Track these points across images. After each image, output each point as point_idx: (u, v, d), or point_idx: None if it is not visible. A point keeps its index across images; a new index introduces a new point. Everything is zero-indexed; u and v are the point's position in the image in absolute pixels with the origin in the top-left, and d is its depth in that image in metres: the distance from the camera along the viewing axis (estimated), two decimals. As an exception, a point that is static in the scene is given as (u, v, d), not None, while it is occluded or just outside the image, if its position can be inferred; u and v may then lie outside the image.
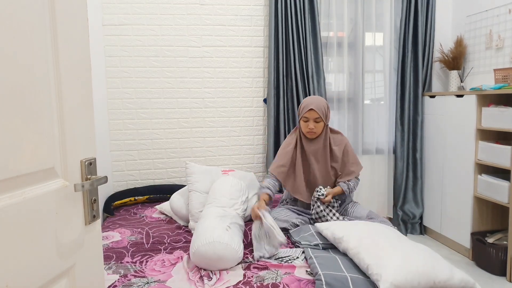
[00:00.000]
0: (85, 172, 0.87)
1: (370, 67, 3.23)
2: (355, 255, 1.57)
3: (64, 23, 0.81)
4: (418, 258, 1.45)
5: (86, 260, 0.88)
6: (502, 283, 2.36)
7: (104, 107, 2.79)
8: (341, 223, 1.85)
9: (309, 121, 2.13)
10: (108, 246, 1.94)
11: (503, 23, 2.76)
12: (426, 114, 3.18)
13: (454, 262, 2.67)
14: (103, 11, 2.77)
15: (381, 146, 3.28)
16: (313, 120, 2.12)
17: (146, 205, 2.72)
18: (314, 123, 2.12)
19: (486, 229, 2.68)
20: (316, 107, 2.09)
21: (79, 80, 0.86)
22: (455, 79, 3.10)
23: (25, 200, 0.71)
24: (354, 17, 3.13)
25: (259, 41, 3.02)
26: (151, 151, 2.94)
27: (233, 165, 3.08)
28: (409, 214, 3.19)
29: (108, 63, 2.82)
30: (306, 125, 2.14)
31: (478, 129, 2.59)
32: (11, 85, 0.68)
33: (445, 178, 2.93)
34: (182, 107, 2.95)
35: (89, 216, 0.89)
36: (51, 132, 0.78)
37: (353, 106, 3.23)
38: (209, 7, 2.91)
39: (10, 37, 0.68)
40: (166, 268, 1.69)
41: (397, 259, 1.43)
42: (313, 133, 2.14)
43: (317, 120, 2.12)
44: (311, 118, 2.11)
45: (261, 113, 3.09)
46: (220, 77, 2.99)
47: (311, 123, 2.12)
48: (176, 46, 2.90)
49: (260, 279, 1.55)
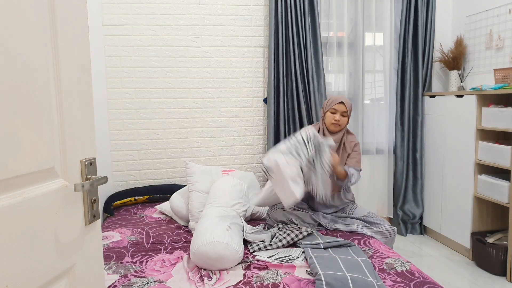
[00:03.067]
0: (85, 172, 0.87)
1: (370, 67, 3.23)
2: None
3: (64, 23, 0.81)
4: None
5: (86, 260, 0.88)
6: (502, 283, 2.36)
7: (104, 107, 2.79)
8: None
9: (336, 113, 2.22)
10: (108, 246, 1.94)
11: (503, 23, 2.76)
12: (426, 114, 3.18)
13: (454, 262, 2.67)
14: (103, 11, 2.77)
15: (381, 146, 3.28)
16: (340, 113, 2.21)
17: (146, 205, 2.72)
18: (340, 116, 2.21)
19: (486, 229, 2.68)
20: (346, 102, 2.21)
21: (79, 80, 0.86)
22: (455, 79, 3.10)
23: (25, 200, 0.71)
24: (354, 17, 3.13)
25: (259, 41, 3.02)
26: (151, 151, 2.94)
27: (233, 165, 3.08)
28: (409, 214, 3.19)
29: (108, 63, 2.82)
30: (333, 117, 2.22)
31: (478, 129, 2.59)
32: (11, 85, 0.68)
33: (445, 178, 2.93)
34: (182, 107, 2.95)
35: (89, 216, 0.89)
36: (51, 132, 0.78)
37: (353, 106, 3.23)
38: (209, 7, 2.91)
39: (10, 37, 0.68)
40: (166, 268, 1.69)
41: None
42: (338, 125, 2.23)
43: (344, 114, 2.22)
44: (339, 110, 2.21)
45: (261, 113, 3.09)
46: (220, 77, 2.99)
47: (337, 115, 2.21)
48: (176, 46, 2.90)
49: (260, 279, 1.55)
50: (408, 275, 1.58)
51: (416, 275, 1.58)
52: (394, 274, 1.59)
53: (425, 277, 1.57)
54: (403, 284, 1.51)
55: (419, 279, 1.55)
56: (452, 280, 2.41)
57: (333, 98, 2.25)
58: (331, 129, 2.24)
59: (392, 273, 1.60)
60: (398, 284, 1.50)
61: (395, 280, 1.54)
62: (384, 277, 1.57)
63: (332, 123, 2.22)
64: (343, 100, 2.21)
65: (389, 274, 1.59)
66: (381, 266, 1.67)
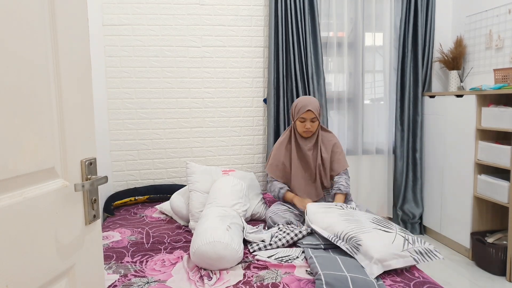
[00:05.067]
0: (85, 172, 0.87)
1: (370, 67, 3.23)
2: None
3: (64, 23, 0.82)
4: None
5: (86, 260, 0.89)
6: (502, 283, 2.36)
7: (104, 107, 2.79)
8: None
9: (306, 121, 2.20)
10: (108, 246, 1.94)
11: (503, 23, 2.76)
12: (426, 114, 3.18)
13: (454, 262, 2.67)
14: (103, 11, 2.77)
15: (381, 146, 3.28)
16: (310, 120, 2.19)
17: (146, 205, 2.72)
18: (310, 123, 2.20)
19: (486, 229, 2.68)
20: (313, 108, 2.17)
21: (79, 80, 0.86)
22: (455, 79, 3.10)
23: (25, 200, 0.71)
24: (354, 17, 3.13)
25: (259, 41, 3.02)
26: (151, 151, 2.94)
27: (233, 165, 3.08)
28: (409, 214, 3.20)
29: (108, 63, 2.82)
30: (303, 125, 2.21)
31: (478, 129, 2.59)
32: (11, 85, 0.68)
33: (445, 178, 2.93)
34: (182, 107, 2.95)
35: (89, 216, 0.89)
36: (51, 132, 0.78)
37: (353, 106, 3.23)
38: (209, 7, 2.91)
39: (10, 37, 0.68)
40: (166, 268, 1.69)
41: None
42: (309, 132, 2.22)
43: (313, 120, 2.20)
44: (308, 118, 2.19)
45: (261, 113, 3.09)
46: (220, 77, 2.99)
47: (308, 123, 2.19)
48: (176, 46, 2.90)
49: (260, 278, 1.55)
50: (408, 275, 1.58)
51: (416, 275, 1.58)
52: (394, 274, 1.59)
53: (425, 277, 1.57)
54: (403, 284, 1.51)
55: (419, 279, 1.55)
56: (452, 280, 2.41)
57: (300, 105, 2.20)
58: (304, 135, 2.25)
59: (392, 273, 1.60)
60: (398, 284, 1.51)
61: (395, 280, 1.54)
62: (384, 277, 1.57)
63: (303, 131, 2.22)
64: (310, 107, 2.15)
65: (389, 274, 1.59)
66: (381, 266, 1.67)
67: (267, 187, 2.38)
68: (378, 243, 1.62)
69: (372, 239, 1.64)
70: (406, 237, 1.69)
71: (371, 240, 1.64)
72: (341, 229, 1.76)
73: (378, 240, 1.64)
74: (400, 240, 1.66)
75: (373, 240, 1.64)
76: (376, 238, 1.65)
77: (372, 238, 1.65)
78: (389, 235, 1.69)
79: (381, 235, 1.68)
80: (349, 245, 1.69)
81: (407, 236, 1.69)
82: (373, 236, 1.67)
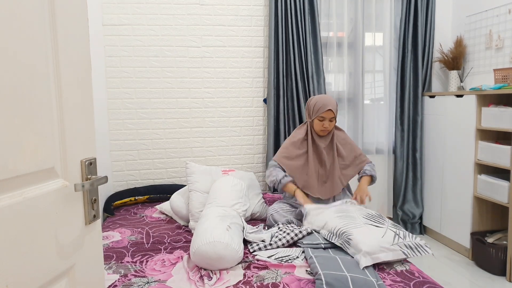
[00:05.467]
0: (85, 172, 0.87)
1: (370, 67, 3.23)
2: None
3: (64, 23, 0.82)
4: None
5: (86, 260, 0.89)
6: (502, 283, 2.36)
7: (104, 107, 2.79)
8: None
9: (325, 120, 2.21)
10: (108, 246, 1.94)
11: (503, 23, 2.76)
12: (426, 114, 3.18)
13: (454, 262, 2.67)
14: (103, 11, 2.77)
15: (381, 146, 3.28)
16: (329, 120, 2.21)
17: (146, 205, 2.72)
18: (329, 122, 2.21)
19: (486, 229, 2.68)
20: (333, 108, 2.19)
21: (79, 80, 0.86)
22: (455, 79, 3.10)
23: (25, 200, 0.71)
24: (354, 17, 3.13)
25: (259, 41, 3.02)
26: (151, 151, 2.94)
27: (233, 165, 3.08)
28: (409, 214, 3.20)
29: (108, 63, 2.82)
30: (321, 124, 2.21)
31: (478, 129, 2.59)
32: (11, 85, 0.68)
33: (445, 178, 2.93)
34: (182, 107, 2.95)
35: (89, 216, 0.89)
36: (51, 132, 0.78)
37: (353, 106, 3.23)
38: (209, 7, 2.91)
39: (9, 37, 0.68)
40: (166, 268, 1.69)
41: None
42: (326, 130, 2.24)
43: (332, 119, 2.21)
44: (327, 117, 2.20)
45: (261, 113, 3.09)
46: (220, 77, 2.99)
47: (326, 122, 2.21)
48: (176, 46, 2.90)
49: (260, 278, 1.55)
50: (407, 275, 1.58)
51: (416, 275, 1.58)
52: (394, 274, 1.59)
53: (424, 276, 1.57)
54: (403, 283, 1.51)
55: (418, 279, 1.55)
56: (452, 280, 2.41)
57: (320, 104, 2.20)
58: (321, 134, 2.26)
59: (391, 273, 1.60)
60: (398, 283, 1.51)
61: (395, 280, 1.54)
62: (384, 276, 1.57)
63: (321, 130, 2.23)
64: (330, 107, 2.16)
65: (389, 274, 1.59)
66: (381, 266, 1.67)
67: (266, 172, 2.34)
68: (367, 237, 1.69)
69: (362, 234, 1.71)
70: (397, 232, 1.75)
71: (361, 234, 1.71)
72: (334, 225, 1.84)
73: (368, 234, 1.71)
74: (391, 234, 1.72)
75: (363, 234, 1.71)
76: (366, 232, 1.73)
77: (362, 232, 1.73)
78: (380, 229, 1.76)
79: (372, 229, 1.75)
80: (341, 239, 1.76)
81: (398, 231, 1.75)
82: (363, 231, 1.74)
